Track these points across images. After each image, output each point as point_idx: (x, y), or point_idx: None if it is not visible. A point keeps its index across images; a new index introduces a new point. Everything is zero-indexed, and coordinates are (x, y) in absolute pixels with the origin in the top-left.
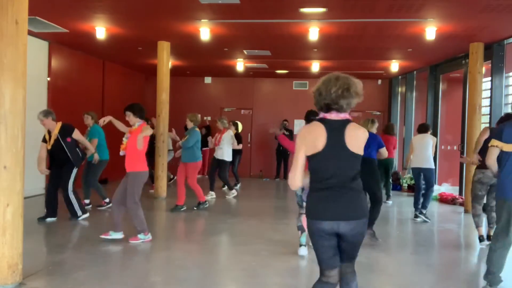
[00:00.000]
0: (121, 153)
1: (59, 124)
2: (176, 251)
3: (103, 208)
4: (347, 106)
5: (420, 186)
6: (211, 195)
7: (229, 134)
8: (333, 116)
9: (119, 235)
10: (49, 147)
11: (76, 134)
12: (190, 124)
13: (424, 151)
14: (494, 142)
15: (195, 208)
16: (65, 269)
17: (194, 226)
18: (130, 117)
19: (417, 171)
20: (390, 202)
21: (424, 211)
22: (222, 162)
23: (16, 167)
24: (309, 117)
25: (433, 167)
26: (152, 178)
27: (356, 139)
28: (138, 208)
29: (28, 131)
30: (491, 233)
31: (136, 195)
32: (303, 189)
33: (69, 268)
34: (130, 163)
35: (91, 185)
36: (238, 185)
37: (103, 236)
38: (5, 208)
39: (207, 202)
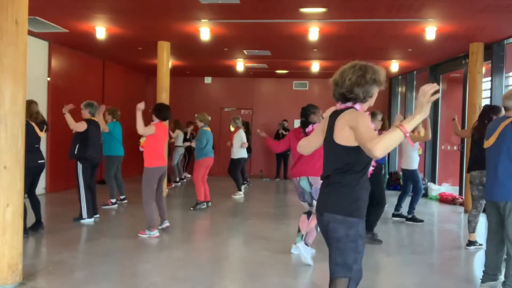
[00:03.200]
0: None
1: (88, 117)
2: (176, 251)
3: (106, 207)
4: (365, 95)
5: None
6: (239, 194)
7: (238, 134)
8: (341, 106)
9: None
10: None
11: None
12: (200, 124)
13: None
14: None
15: (191, 209)
16: (65, 269)
17: (194, 226)
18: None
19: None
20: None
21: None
22: (231, 160)
23: (16, 167)
24: (307, 112)
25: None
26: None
27: (338, 127)
28: (149, 203)
29: None
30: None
31: (147, 189)
32: (311, 185)
33: (69, 268)
34: (144, 159)
35: (105, 179)
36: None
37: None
38: (5, 208)
39: (204, 203)
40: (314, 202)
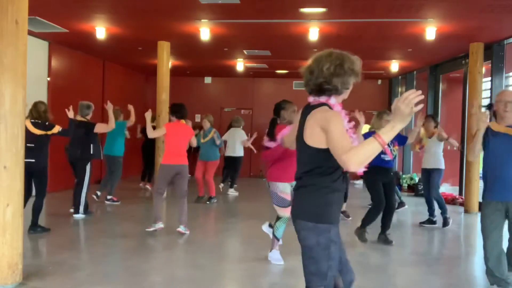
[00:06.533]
0: None
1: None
2: (176, 251)
3: (108, 202)
4: (343, 86)
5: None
6: (232, 192)
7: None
8: (315, 101)
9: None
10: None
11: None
12: (207, 125)
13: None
14: None
15: (207, 202)
16: (65, 269)
17: (194, 226)
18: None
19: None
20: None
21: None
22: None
23: (16, 167)
24: (279, 109)
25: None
26: (149, 177)
27: (309, 127)
28: (156, 197)
29: None
30: None
31: (157, 184)
32: (269, 186)
33: (69, 268)
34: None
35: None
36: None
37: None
38: (5, 208)
39: (216, 198)
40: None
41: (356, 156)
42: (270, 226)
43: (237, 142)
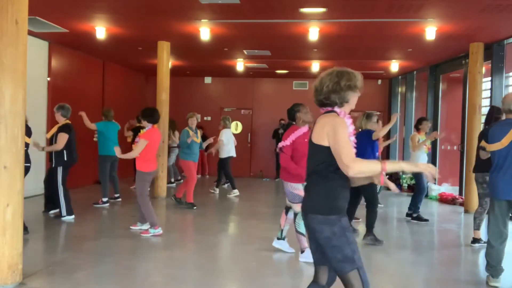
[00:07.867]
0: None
1: (63, 122)
2: (176, 251)
3: (98, 205)
4: (341, 100)
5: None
6: (234, 193)
7: (223, 133)
8: (323, 111)
9: (145, 226)
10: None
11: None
12: (195, 124)
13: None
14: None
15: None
16: (65, 269)
17: (194, 226)
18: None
19: None
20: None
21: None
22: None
23: (16, 167)
24: (294, 113)
25: None
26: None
27: (318, 128)
28: (147, 203)
29: None
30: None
31: (144, 191)
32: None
33: (69, 268)
34: (138, 163)
35: (99, 178)
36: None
37: (132, 227)
38: (5, 208)
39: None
40: (288, 203)
41: (360, 166)
42: (278, 238)
43: (233, 143)
